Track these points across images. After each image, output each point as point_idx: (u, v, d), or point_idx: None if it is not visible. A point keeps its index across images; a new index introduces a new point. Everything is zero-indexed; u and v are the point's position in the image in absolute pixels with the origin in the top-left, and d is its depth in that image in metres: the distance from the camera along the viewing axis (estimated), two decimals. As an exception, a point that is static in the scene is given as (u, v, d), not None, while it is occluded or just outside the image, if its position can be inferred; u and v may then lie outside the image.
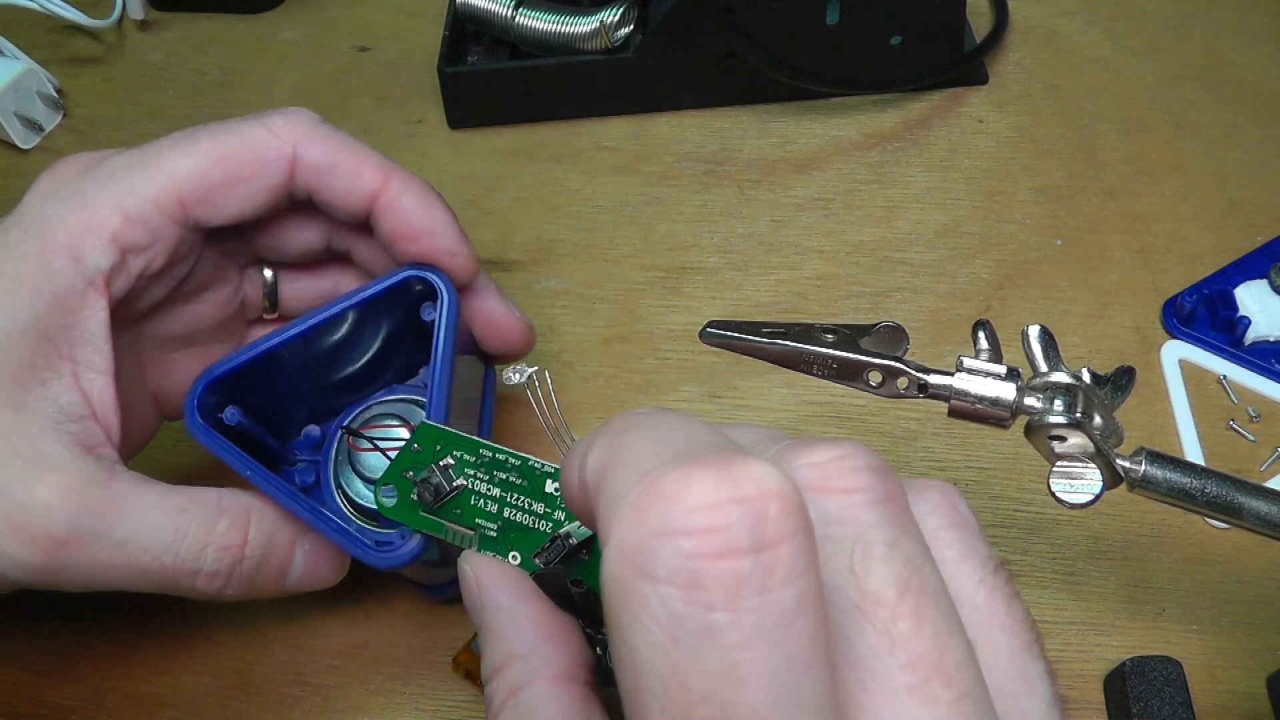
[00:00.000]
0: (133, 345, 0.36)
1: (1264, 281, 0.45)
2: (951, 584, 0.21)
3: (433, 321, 0.36)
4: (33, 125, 0.57)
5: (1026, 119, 0.54)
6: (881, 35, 0.53)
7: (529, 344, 0.40)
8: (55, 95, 0.59)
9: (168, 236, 0.34)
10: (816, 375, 0.31)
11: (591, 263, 0.49)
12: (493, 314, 0.39)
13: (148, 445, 0.37)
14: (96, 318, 0.32)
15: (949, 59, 0.55)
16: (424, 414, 0.35)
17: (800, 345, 0.31)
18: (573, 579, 0.28)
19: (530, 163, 0.54)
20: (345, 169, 0.35)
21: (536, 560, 0.29)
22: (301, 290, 0.40)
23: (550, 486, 0.30)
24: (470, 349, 0.40)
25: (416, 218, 0.35)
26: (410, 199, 0.35)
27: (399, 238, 0.35)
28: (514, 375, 0.32)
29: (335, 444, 0.38)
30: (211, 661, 0.38)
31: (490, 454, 0.30)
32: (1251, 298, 0.44)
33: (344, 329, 0.37)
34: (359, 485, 0.36)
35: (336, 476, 0.37)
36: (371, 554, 0.33)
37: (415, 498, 0.30)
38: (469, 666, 0.36)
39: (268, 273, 0.39)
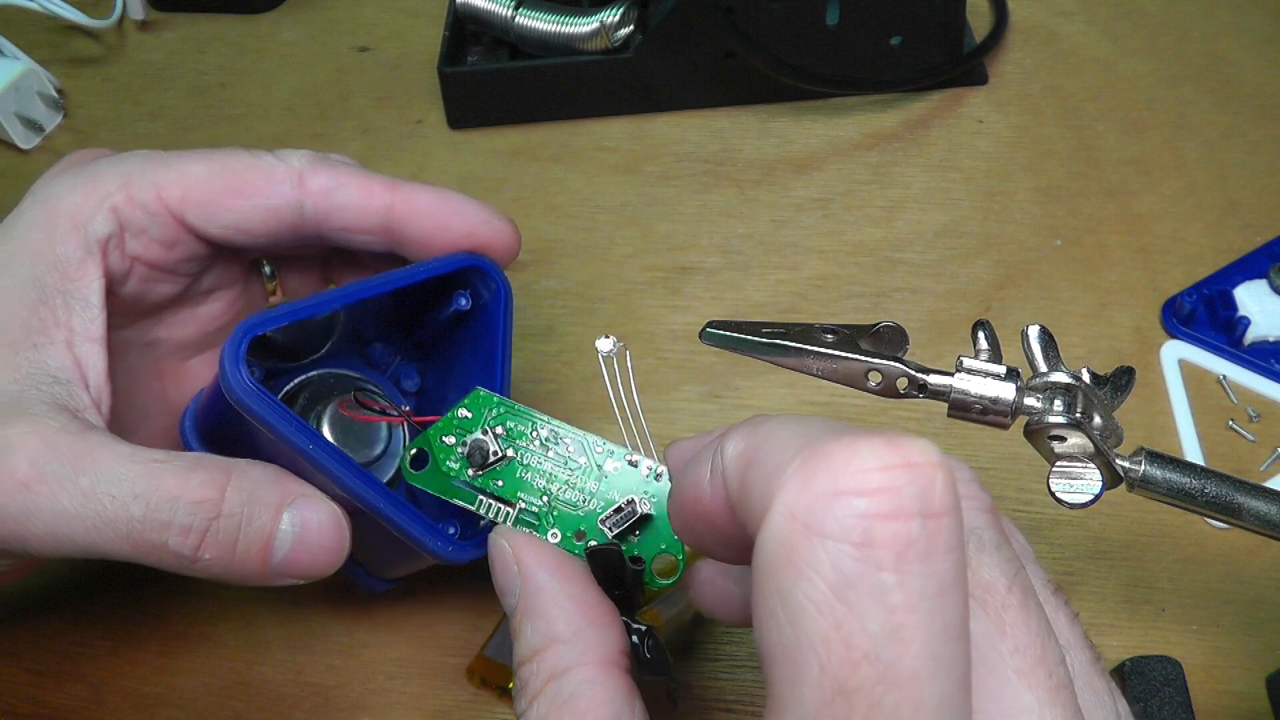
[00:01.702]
0: (150, 354, 0.37)
1: (1263, 281, 0.45)
2: None
3: (465, 311, 0.35)
4: (33, 125, 0.57)
5: (1026, 119, 0.54)
6: (881, 35, 0.53)
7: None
8: (56, 95, 0.59)
9: (166, 230, 0.34)
10: (816, 375, 0.31)
11: (591, 263, 0.49)
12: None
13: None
14: (93, 285, 0.33)
15: (949, 59, 0.55)
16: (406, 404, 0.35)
17: (800, 345, 0.30)
18: (632, 556, 0.28)
19: (530, 163, 0.54)
20: (352, 187, 0.35)
21: (603, 526, 0.29)
22: (305, 273, 0.40)
23: (610, 465, 0.29)
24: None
25: (440, 208, 0.35)
26: (425, 196, 0.35)
27: (427, 235, 0.35)
28: (606, 343, 0.31)
29: (298, 398, 0.36)
30: (211, 661, 0.38)
31: (547, 429, 0.30)
32: (1251, 298, 0.44)
33: (383, 308, 0.36)
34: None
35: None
36: (444, 543, 0.31)
37: (455, 462, 0.29)
38: (484, 674, 0.36)
39: (267, 268, 0.40)
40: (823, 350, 0.30)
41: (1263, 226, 0.48)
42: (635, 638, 0.27)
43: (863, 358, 0.30)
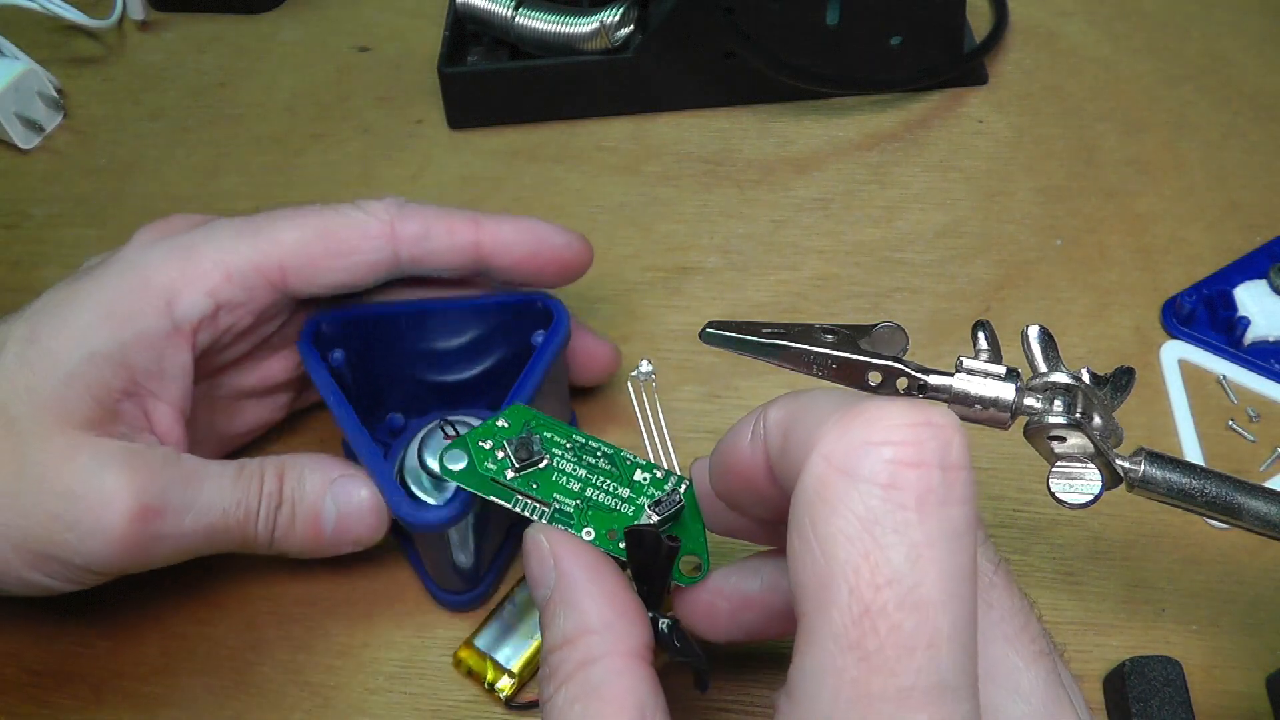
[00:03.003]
0: (208, 393, 0.38)
1: (1263, 282, 0.45)
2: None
3: (540, 345, 0.37)
4: (33, 125, 0.57)
5: (1026, 119, 0.54)
6: (881, 35, 0.53)
7: (616, 366, 0.43)
8: (56, 95, 0.59)
9: (261, 299, 0.36)
10: (816, 375, 0.31)
11: (591, 262, 0.49)
12: (586, 346, 0.41)
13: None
14: (178, 360, 0.35)
15: (949, 59, 0.55)
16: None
17: (800, 345, 0.31)
18: (668, 535, 0.29)
19: (530, 163, 0.54)
20: (440, 230, 0.37)
21: (651, 511, 0.31)
22: None
23: (640, 476, 0.32)
24: (566, 383, 0.41)
25: (521, 240, 0.38)
26: (507, 228, 0.38)
27: (515, 264, 0.38)
28: (644, 366, 0.38)
29: (415, 440, 0.38)
30: (211, 661, 0.38)
31: (581, 440, 0.32)
32: (1251, 298, 0.44)
33: (458, 326, 0.39)
34: (426, 482, 0.37)
35: (402, 470, 0.38)
36: (407, 508, 0.34)
37: (493, 464, 0.31)
38: (471, 665, 0.36)
39: None
40: (823, 350, 0.30)
41: (1263, 226, 0.48)
42: (664, 628, 0.28)
43: (863, 358, 0.30)
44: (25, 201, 0.55)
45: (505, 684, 0.36)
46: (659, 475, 0.32)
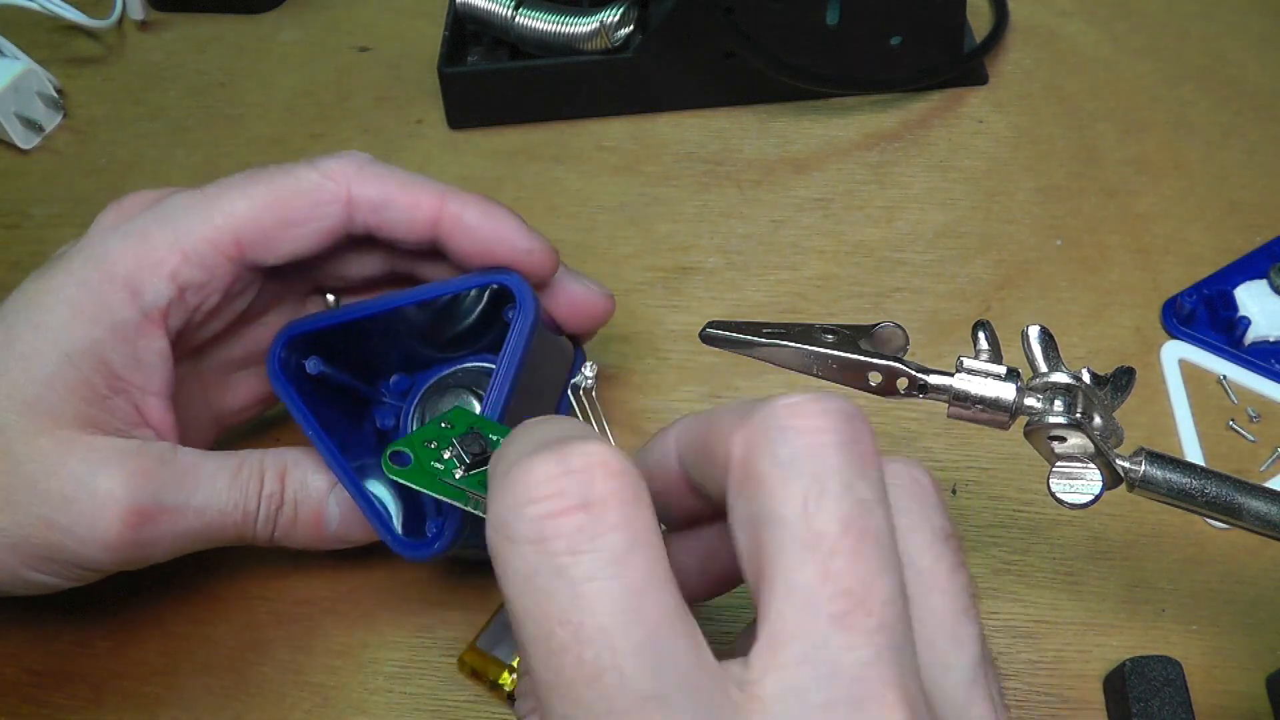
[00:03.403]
0: (195, 368, 0.38)
1: (1264, 281, 0.45)
2: (900, 548, 0.23)
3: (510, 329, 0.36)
4: (33, 125, 0.57)
5: (1026, 119, 0.54)
6: (881, 35, 0.53)
7: (610, 313, 0.40)
8: (55, 95, 0.59)
9: (223, 275, 0.35)
10: (816, 375, 0.31)
11: (591, 263, 0.49)
12: (573, 295, 0.39)
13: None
14: (153, 347, 0.34)
15: (949, 59, 0.55)
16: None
17: (800, 345, 0.31)
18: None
19: (530, 163, 0.54)
20: (401, 202, 0.36)
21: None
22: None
23: None
24: (557, 331, 0.40)
25: (482, 231, 0.36)
26: (471, 213, 0.36)
27: (470, 254, 0.37)
28: (587, 371, 0.38)
29: (418, 396, 0.38)
30: (211, 661, 0.38)
31: None
32: (1251, 298, 0.44)
33: (429, 314, 0.38)
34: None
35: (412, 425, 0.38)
36: (396, 541, 0.34)
37: (440, 463, 0.31)
38: (474, 665, 0.36)
39: (330, 297, 0.40)
40: (823, 350, 0.30)
41: (1263, 226, 0.48)
42: None
43: (863, 358, 0.30)
44: (25, 201, 0.55)
45: (508, 679, 0.36)
46: None
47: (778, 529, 0.21)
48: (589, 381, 0.39)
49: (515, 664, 0.36)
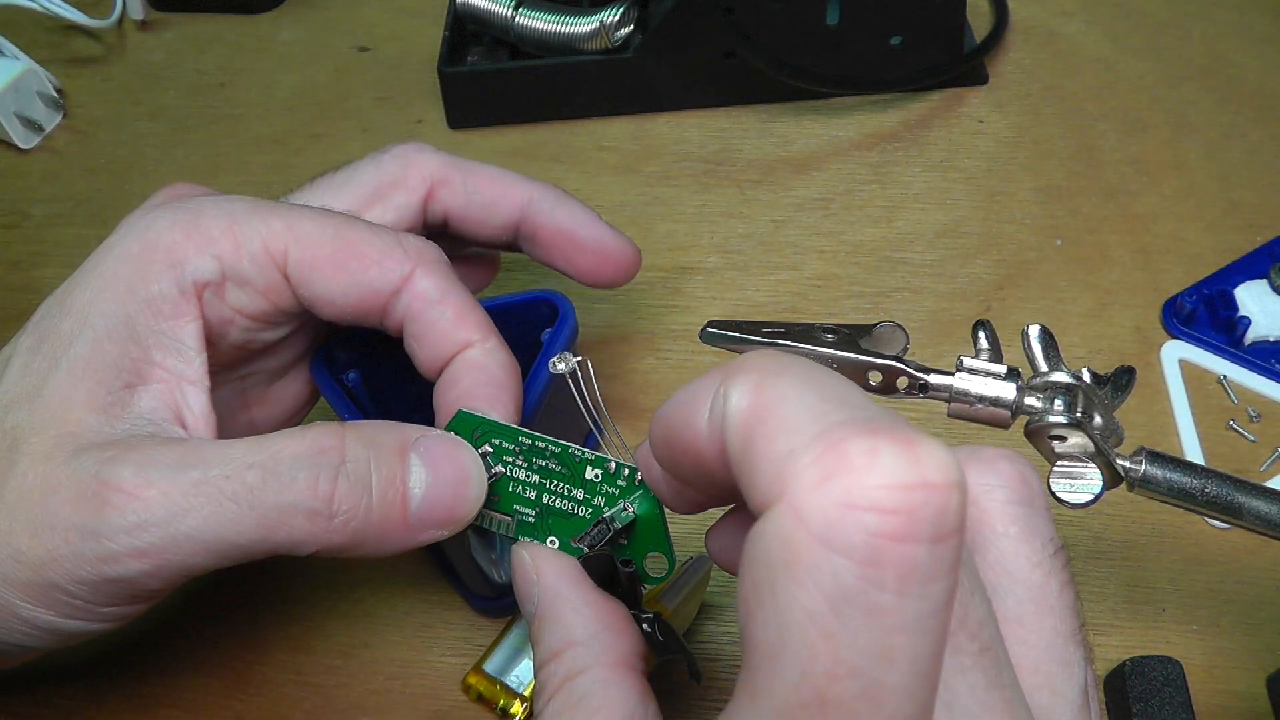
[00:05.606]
0: (240, 385, 0.36)
1: (1264, 281, 0.45)
2: (1010, 560, 0.22)
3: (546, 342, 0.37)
4: (33, 125, 0.57)
5: (1026, 119, 0.54)
6: (881, 35, 0.53)
7: (637, 265, 0.40)
8: (55, 95, 0.59)
9: (271, 280, 0.32)
10: (816, 375, 0.31)
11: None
12: (603, 242, 0.39)
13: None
14: (189, 328, 0.31)
15: (949, 59, 0.55)
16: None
17: (800, 345, 0.31)
18: (622, 559, 0.29)
19: (530, 163, 0.54)
20: (450, 311, 0.33)
21: (576, 545, 0.29)
22: None
23: (590, 473, 0.30)
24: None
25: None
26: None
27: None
28: (560, 364, 0.31)
29: None
30: (211, 661, 0.38)
31: (529, 441, 0.30)
32: (1251, 298, 0.44)
33: None
34: None
35: None
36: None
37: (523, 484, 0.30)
38: (481, 690, 0.35)
39: None
40: (823, 350, 0.30)
41: (1263, 226, 0.48)
42: (646, 626, 0.28)
43: (863, 358, 0.30)
44: (25, 201, 0.55)
45: (518, 709, 0.35)
46: (610, 470, 0.30)
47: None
48: (564, 368, 0.33)
49: (528, 693, 0.35)
